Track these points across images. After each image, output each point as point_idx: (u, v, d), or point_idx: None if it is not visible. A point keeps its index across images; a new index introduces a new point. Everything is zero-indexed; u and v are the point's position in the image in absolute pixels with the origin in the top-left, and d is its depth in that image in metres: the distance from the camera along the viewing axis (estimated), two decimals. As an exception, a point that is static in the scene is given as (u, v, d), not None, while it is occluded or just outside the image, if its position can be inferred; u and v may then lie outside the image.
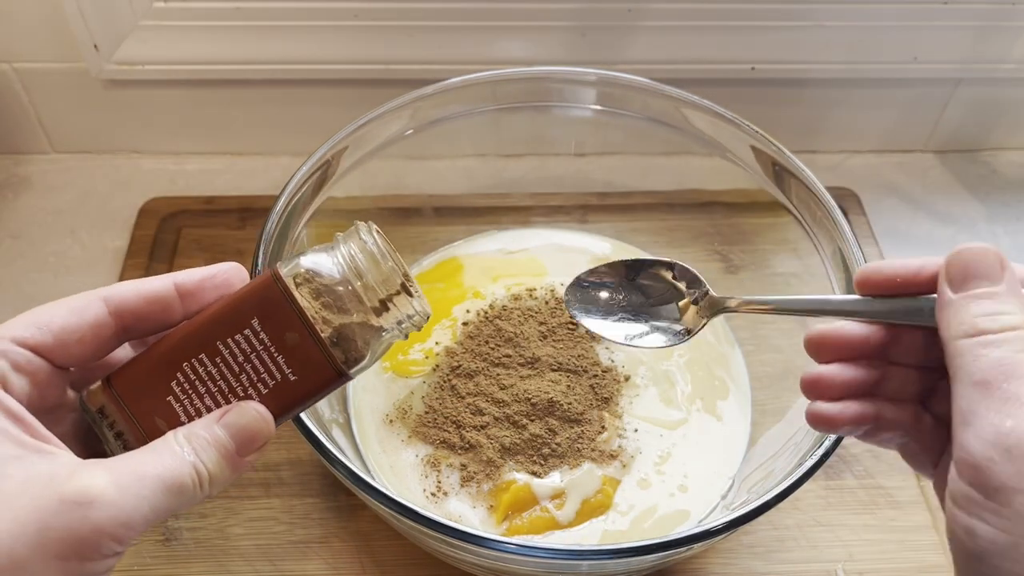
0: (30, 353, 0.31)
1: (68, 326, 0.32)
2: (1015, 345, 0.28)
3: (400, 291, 0.35)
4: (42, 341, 0.31)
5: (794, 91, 0.78)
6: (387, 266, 0.35)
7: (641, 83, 0.62)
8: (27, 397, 0.31)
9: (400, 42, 0.73)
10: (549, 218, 0.71)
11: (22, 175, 0.79)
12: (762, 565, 0.56)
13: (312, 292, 0.34)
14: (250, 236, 0.72)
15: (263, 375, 0.33)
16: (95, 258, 0.72)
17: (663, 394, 0.59)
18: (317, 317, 0.34)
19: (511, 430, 0.55)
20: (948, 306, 0.30)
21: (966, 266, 0.30)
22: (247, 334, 0.33)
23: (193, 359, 0.33)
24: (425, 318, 0.37)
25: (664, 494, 0.55)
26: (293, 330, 0.33)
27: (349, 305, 0.34)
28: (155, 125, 0.78)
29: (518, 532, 0.53)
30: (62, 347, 0.32)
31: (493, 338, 0.59)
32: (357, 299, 0.34)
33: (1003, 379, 0.27)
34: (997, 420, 0.27)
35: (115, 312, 0.33)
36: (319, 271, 0.35)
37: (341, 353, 0.34)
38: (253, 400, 0.33)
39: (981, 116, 0.81)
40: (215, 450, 0.31)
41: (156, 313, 0.33)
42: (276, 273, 0.34)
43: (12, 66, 0.73)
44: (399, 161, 0.64)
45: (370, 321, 0.35)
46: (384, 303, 0.35)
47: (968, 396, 0.28)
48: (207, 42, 0.72)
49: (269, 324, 0.33)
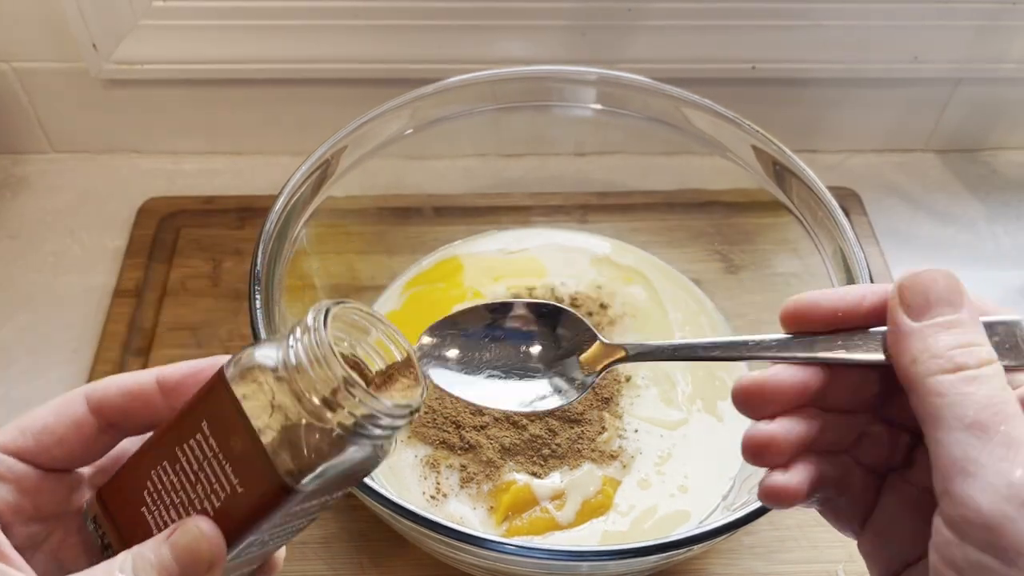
0: (12, 460, 0.30)
1: (48, 427, 0.31)
2: (997, 382, 0.25)
3: (342, 387, 0.28)
4: (24, 445, 0.30)
5: (795, 90, 0.78)
6: (322, 357, 0.28)
7: (641, 82, 0.62)
8: (11, 506, 0.30)
9: (400, 41, 0.73)
10: (549, 218, 0.71)
11: (21, 175, 0.79)
12: (763, 566, 0.56)
13: (256, 390, 0.29)
14: (249, 236, 0.72)
15: (215, 486, 0.29)
16: (94, 258, 0.72)
17: (663, 394, 0.59)
18: (259, 420, 0.29)
19: (511, 430, 0.55)
20: (911, 336, 0.26)
21: (926, 291, 0.26)
22: (199, 439, 0.30)
23: (158, 467, 0.30)
24: (402, 415, 0.29)
25: (664, 495, 0.55)
26: (236, 434, 0.29)
27: (289, 404, 0.29)
28: (154, 124, 0.78)
29: (518, 533, 0.52)
30: (44, 450, 0.31)
31: (493, 338, 0.59)
32: (296, 396, 0.29)
33: (999, 421, 0.24)
34: (1006, 469, 0.23)
35: (96, 409, 0.31)
36: (265, 365, 0.29)
37: (288, 460, 0.28)
38: (207, 514, 0.29)
39: (982, 116, 0.81)
40: (156, 575, 0.28)
41: (139, 409, 0.31)
42: (222, 369, 0.30)
43: (11, 65, 0.73)
44: (399, 161, 0.64)
45: (319, 423, 0.28)
46: (328, 401, 0.28)
47: (963, 442, 0.24)
48: (206, 41, 0.72)
49: (216, 428, 0.29)
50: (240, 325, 0.67)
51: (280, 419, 0.29)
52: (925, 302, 0.26)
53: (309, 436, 0.29)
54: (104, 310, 0.68)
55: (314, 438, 0.29)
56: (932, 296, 0.26)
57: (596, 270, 0.67)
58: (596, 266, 0.67)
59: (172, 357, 0.65)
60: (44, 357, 0.66)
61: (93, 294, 0.69)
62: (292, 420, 0.29)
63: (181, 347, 0.66)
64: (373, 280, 0.66)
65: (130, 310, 0.67)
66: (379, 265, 0.67)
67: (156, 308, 0.68)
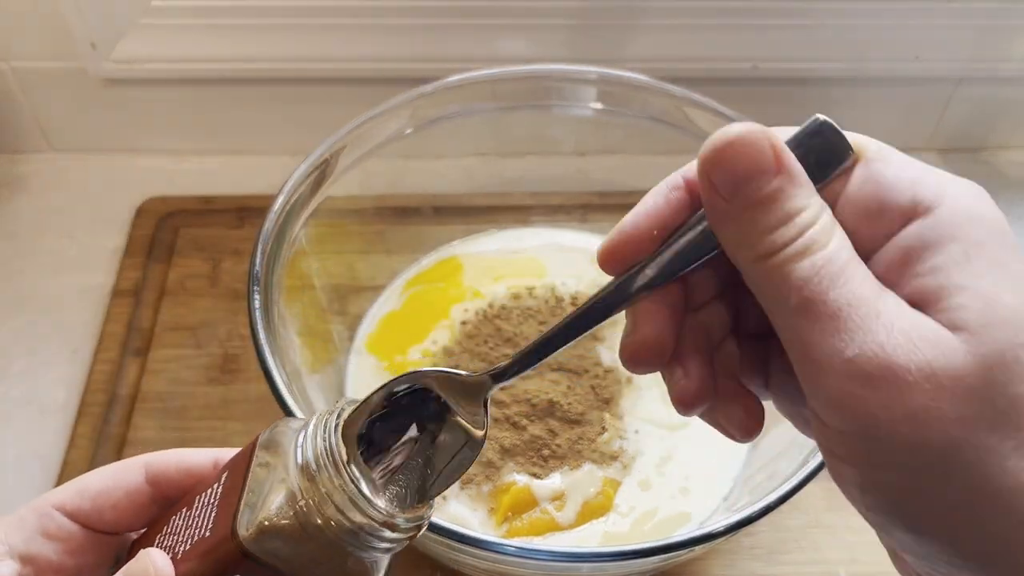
0: (64, 519, 0.31)
1: (105, 490, 0.32)
2: (821, 240, 0.22)
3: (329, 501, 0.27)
4: (80, 506, 0.31)
5: (796, 90, 0.78)
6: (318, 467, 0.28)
7: (642, 81, 0.62)
8: (53, 564, 0.31)
9: (399, 40, 0.72)
10: (549, 217, 0.71)
11: (19, 174, 0.78)
12: (764, 567, 0.56)
13: (274, 462, 0.29)
14: (248, 236, 0.71)
15: (198, 529, 0.29)
16: (92, 257, 0.72)
17: (664, 395, 0.59)
18: (256, 482, 0.29)
19: (511, 431, 0.54)
20: (728, 221, 0.23)
21: (733, 166, 0.23)
22: (213, 488, 0.30)
23: (178, 512, 0.31)
24: (384, 536, 0.28)
25: (665, 496, 0.55)
26: (234, 489, 0.29)
27: (287, 487, 0.28)
28: (153, 124, 0.78)
29: (518, 534, 0.52)
30: (98, 512, 0.31)
31: (492, 338, 0.59)
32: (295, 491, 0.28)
33: (824, 290, 0.21)
34: (838, 345, 0.21)
35: (152, 480, 0.32)
36: (281, 444, 0.29)
37: (251, 521, 0.28)
38: (179, 554, 0.29)
39: (983, 115, 0.81)
40: None
41: (191, 485, 0.32)
42: (259, 434, 0.30)
43: (9, 64, 0.73)
44: (398, 160, 0.64)
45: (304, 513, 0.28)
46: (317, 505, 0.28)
47: (794, 327, 0.22)
48: (205, 40, 0.71)
49: (227, 482, 0.30)
50: (239, 325, 0.67)
51: (275, 490, 0.28)
52: (733, 179, 0.23)
53: (283, 515, 0.28)
54: (102, 310, 0.67)
55: (283, 512, 0.28)
56: (741, 170, 0.23)
57: (597, 270, 0.66)
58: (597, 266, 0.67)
59: (171, 357, 0.65)
60: (42, 357, 0.65)
61: (91, 294, 0.69)
62: (283, 499, 0.28)
63: (180, 347, 0.65)
64: (372, 280, 0.66)
65: (129, 310, 0.67)
66: (378, 265, 0.67)
67: (155, 308, 0.67)
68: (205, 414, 0.62)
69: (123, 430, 0.61)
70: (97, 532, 0.32)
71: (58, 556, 0.31)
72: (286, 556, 0.28)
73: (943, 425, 0.20)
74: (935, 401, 0.20)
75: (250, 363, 0.64)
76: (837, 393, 0.21)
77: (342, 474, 0.27)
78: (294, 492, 0.28)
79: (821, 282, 0.22)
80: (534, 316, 0.60)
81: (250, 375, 0.64)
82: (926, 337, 0.21)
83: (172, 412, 0.62)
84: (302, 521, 0.28)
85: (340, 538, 0.28)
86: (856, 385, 0.21)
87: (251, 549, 0.27)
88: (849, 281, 0.22)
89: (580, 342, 0.58)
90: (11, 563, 0.30)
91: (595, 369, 0.58)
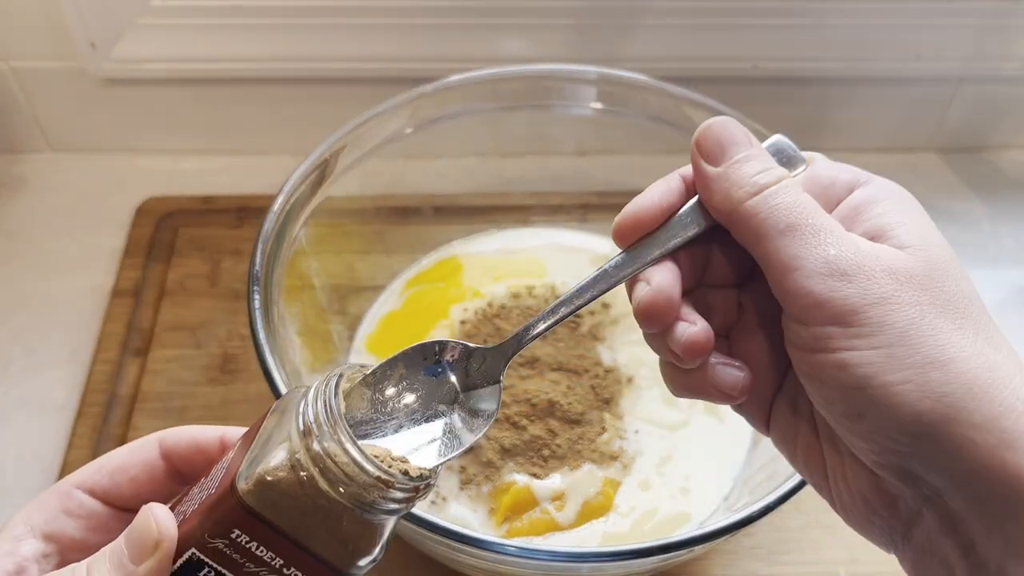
0: (85, 496, 0.32)
1: (122, 466, 0.33)
2: (794, 189, 0.28)
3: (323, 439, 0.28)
4: (99, 481, 0.33)
5: (796, 89, 0.78)
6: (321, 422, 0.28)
7: (642, 81, 0.62)
8: (76, 542, 0.32)
9: (399, 40, 0.72)
10: (549, 217, 0.71)
11: (18, 174, 0.78)
12: (764, 567, 0.56)
13: (281, 420, 0.30)
14: (248, 236, 0.71)
15: (207, 490, 0.30)
16: (92, 257, 0.72)
17: (664, 395, 0.59)
18: (263, 438, 0.29)
19: (511, 431, 0.54)
20: (717, 179, 0.29)
21: (718, 138, 0.30)
22: (227, 455, 0.31)
23: (198, 481, 0.31)
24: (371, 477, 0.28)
25: (665, 496, 0.55)
26: (244, 446, 0.30)
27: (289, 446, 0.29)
28: (152, 123, 0.78)
29: (518, 534, 0.52)
30: (116, 486, 0.33)
31: (492, 337, 0.59)
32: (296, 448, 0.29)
33: (805, 217, 0.28)
34: (820, 251, 0.27)
35: (166, 454, 0.33)
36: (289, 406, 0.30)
37: (252, 472, 0.28)
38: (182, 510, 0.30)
39: (984, 115, 0.81)
40: (107, 561, 0.29)
41: (200, 462, 0.33)
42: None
43: (8, 64, 0.73)
44: (398, 160, 0.64)
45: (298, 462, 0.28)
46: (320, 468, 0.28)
47: (782, 246, 0.27)
48: (205, 40, 0.71)
49: (240, 444, 0.30)
50: (239, 325, 0.67)
51: (277, 448, 0.29)
52: (720, 148, 0.30)
53: (280, 468, 0.28)
54: (102, 310, 0.67)
55: (282, 467, 0.28)
56: (725, 140, 0.30)
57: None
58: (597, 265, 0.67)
59: (171, 357, 0.65)
60: (42, 357, 0.65)
61: (91, 294, 0.69)
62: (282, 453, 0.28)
63: (180, 347, 0.65)
64: (372, 280, 0.66)
65: (128, 310, 0.67)
66: (378, 265, 0.67)
67: (154, 308, 0.67)
68: (205, 414, 0.62)
69: (123, 430, 0.61)
70: (117, 509, 0.33)
71: (80, 533, 0.32)
72: (285, 512, 0.28)
73: (904, 309, 0.26)
74: (896, 291, 0.26)
75: (250, 363, 0.64)
76: (819, 288, 0.27)
77: (338, 431, 0.28)
78: (293, 448, 0.28)
79: (805, 208, 0.28)
80: (534, 315, 0.60)
81: (250, 375, 0.64)
82: (885, 250, 0.27)
83: (172, 412, 0.62)
84: (299, 476, 0.28)
85: (337, 496, 0.28)
86: (835, 279, 0.26)
87: (249, 502, 0.28)
88: (823, 213, 0.28)
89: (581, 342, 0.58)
90: (34, 542, 0.31)
91: (595, 369, 0.58)
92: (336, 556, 0.29)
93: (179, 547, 0.29)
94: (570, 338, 0.59)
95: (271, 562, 0.29)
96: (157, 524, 0.28)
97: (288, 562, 0.29)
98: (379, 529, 0.30)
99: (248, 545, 0.29)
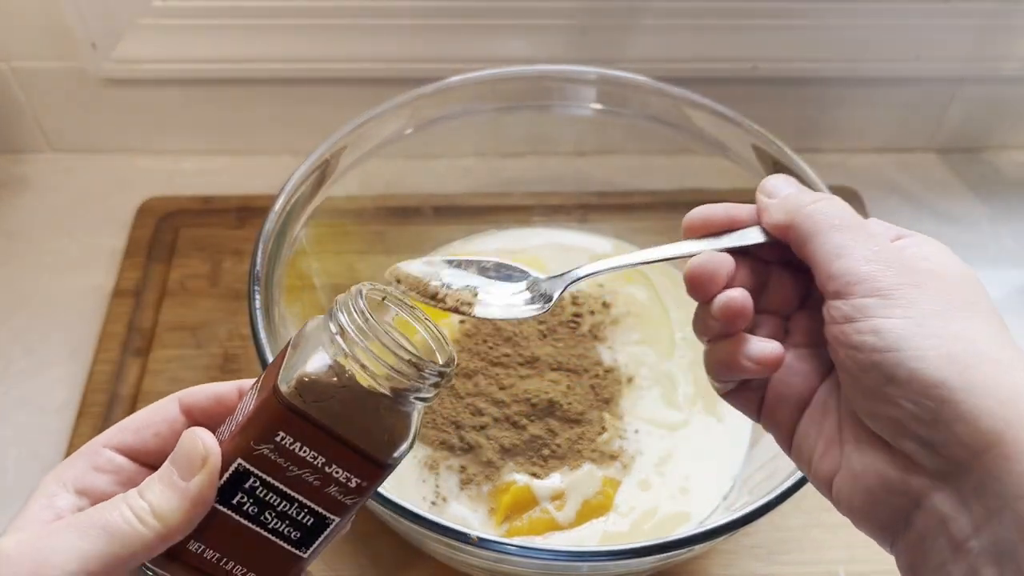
0: (113, 453, 0.34)
1: (145, 422, 0.34)
2: (841, 202, 0.34)
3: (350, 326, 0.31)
4: (123, 439, 0.34)
5: (796, 90, 0.78)
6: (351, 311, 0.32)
7: (642, 82, 0.62)
8: (107, 495, 0.33)
9: (399, 40, 0.72)
10: (549, 218, 0.71)
11: (19, 174, 0.78)
12: (763, 567, 0.56)
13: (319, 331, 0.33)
14: (248, 236, 0.72)
15: (245, 411, 0.32)
16: (93, 257, 0.72)
17: (664, 395, 0.59)
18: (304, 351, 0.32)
19: (511, 431, 0.55)
20: (777, 203, 0.35)
21: (776, 182, 0.35)
22: (260, 377, 0.33)
23: (232, 413, 0.34)
24: (402, 360, 0.31)
25: (665, 495, 0.55)
26: (277, 362, 0.32)
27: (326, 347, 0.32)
28: (153, 124, 0.78)
29: (518, 533, 0.52)
30: (142, 441, 0.34)
31: (492, 337, 0.59)
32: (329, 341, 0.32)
33: (854, 218, 0.32)
34: (865, 244, 0.31)
35: (186, 410, 0.35)
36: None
37: (292, 375, 0.31)
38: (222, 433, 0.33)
39: (984, 115, 0.81)
40: (158, 482, 0.31)
41: (220, 413, 0.35)
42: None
43: (9, 65, 0.73)
44: (398, 160, 0.64)
45: (332, 353, 0.31)
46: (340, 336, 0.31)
47: (835, 238, 0.32)
48: (205, 40, 0.72)
49: (267, 375, 0.33)
50: (239, 325, 0.67)
51: (312, 352, 0.31)
52: (777, 188, 0.35)
53: (319, 368, 0.31)
54: (103, 310, 0.68)
55: (321, 367, 0.31)
56: (781, 182, 0.35)
57: (596, 270, 0.66)
58: (596, 266, 0.67)
59: (171, 357, 0.65)
60: (43, 357, 0.66)
61: (92, 294, 0.69)
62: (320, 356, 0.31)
63: (180, 347, 0.65)
64: (373, 280, 0.66)
65: (129, 310, 0.67)
66: (379, 265, 0.66)
67: (155, 308, 0.68)
68: (205, 414, 0.62)
69: (123, 430, 0.61)
70: (144, 466, 0.34)
71: (112, 487, 0.33)
72: (326, 407, 0.31)
73: (938, 295, 0.30)
74: (931, 281, 0.30)
75: (250, 363, 0.64)
76: (863, 268, 0.30)
77: (373, 326, 0.31)
78: (332, 350, 0.31)
79: (853, 214, 0.33)
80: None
81: (251, 375, 0.63)
82: (926, 258, 0.31)
83: (172, 412, 0.62)
84: (337, 371, 0.31)
85: (377, 387, 0.31)
86: (878, 264, 0.30)
87: (293, 402, 0.30)
88: (870, 220, 0.33)
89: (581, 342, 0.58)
90: (68, 496, 0.32)
91: (595, 369, 0.58)
92: (376, 447, 0.31)
93: (224, 462, 0.31)
94: (570, 338, 0.59)
95: (314, 461, 0.31)
96: (203, 441, 0.31)
97: (330, 459, 0.31)
98: (410, 418, 0.32)
99: (292, 446, 0.31)
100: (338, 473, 0.31)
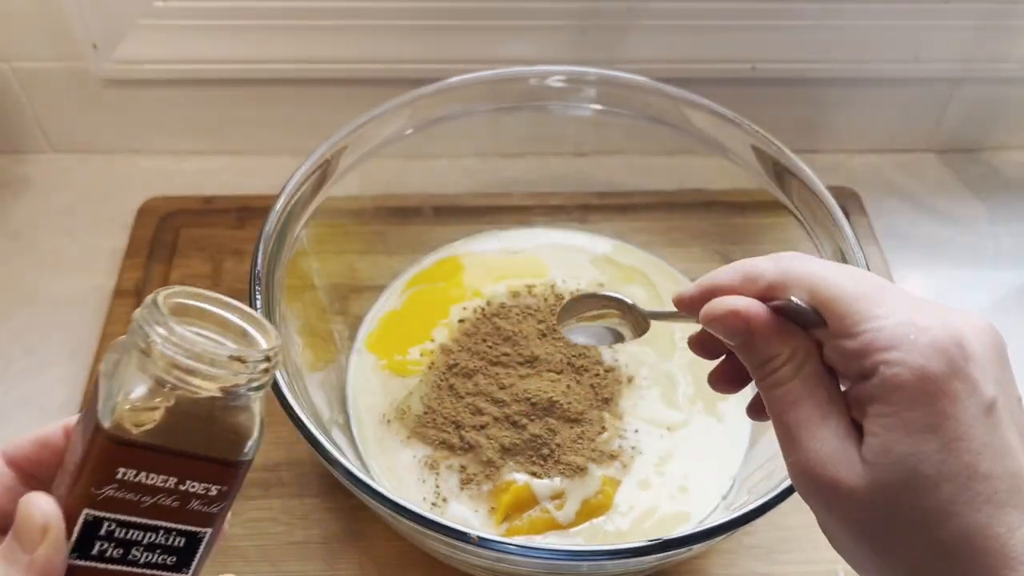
0: None
1: None
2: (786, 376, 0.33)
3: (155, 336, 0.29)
4: None
5: (795, 90, 0.78)
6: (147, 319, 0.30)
7: (641, 82, 0.62)
8: None
9: (399, 41, 0.72)
10: (549, 218, 0.71)
11: (20, 175, 0.79)
12: (763, 566, 0.56)
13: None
14: (249, 236, 0.72)
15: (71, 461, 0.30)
16: (93, 258, 0.72)
17: (664, 395, 0.59)
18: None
19: (511, 430, 0.55)
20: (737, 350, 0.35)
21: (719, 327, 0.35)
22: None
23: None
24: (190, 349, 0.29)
25: (664, 495, 0.55)
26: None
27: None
28: (154, 124, 0.78)
29: (518, 533, 0.52)
30: None
31: (491, 336, 0.59)
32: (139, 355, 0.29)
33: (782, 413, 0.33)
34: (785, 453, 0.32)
35: (11, 462, 0.32)
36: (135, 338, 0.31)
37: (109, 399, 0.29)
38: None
39: (983, 115, 0.81)
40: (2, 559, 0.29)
41: (49, 457, 0.32)
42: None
43: (10, 65, 0.73)
44: (399, 161, 0.64)
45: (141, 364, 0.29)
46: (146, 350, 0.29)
47: (858, 305, 0.31)
48: (206, 41, 0.72)
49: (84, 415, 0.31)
50: (240, 325, 0.67)
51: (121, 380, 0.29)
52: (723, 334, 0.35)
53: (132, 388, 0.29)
54: (104, 310, 0.68)
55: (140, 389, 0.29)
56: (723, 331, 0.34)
57: (597, 269, 0.67)
58: (597, 265, 0.67)
59: (172, 357, 0.65)
60: (43, 357, 0.66)
61: (93, 294, 0.69)
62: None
63: (181, 347, 0.65)
64: (373, 280, 0.66)
65: (130, 310, 0.67)
66: (379, 265, 0.67)
67: (156, 308, 0.68)
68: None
69: (124, 430, 0.61)
70: None
71: None
72: (157, 429, 0.29)
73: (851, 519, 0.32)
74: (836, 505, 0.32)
75: (251, 363, 0.64)
76: (894, 327, 0.30)
77: (177, 333, 0.29)
78: (141, 370, 0.29)
79: (782, 407, 0.33)
80: (533, 315, 0.60)
81: (251, 375, 0.64)
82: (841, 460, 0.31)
83: (173, 412, 0.62)
84: (157, 390, 0.29)
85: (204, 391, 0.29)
86: (910, 329, 0.30)
87: (120, 435, 0.28)
88: (801, 409, 0.32)
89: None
90: None
91: (595, 368, 0.58)
92: (224, 450, 0.30)
93: (70, 517, 0.29)
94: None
95: (166, 484, 0.29)
96: (39, 509, 0.28)
97: (182, 476, 0.30)
98: (251, 410, 0.31)
99: (138, 478, 0.29)
100: (194, 487, 0.30)
